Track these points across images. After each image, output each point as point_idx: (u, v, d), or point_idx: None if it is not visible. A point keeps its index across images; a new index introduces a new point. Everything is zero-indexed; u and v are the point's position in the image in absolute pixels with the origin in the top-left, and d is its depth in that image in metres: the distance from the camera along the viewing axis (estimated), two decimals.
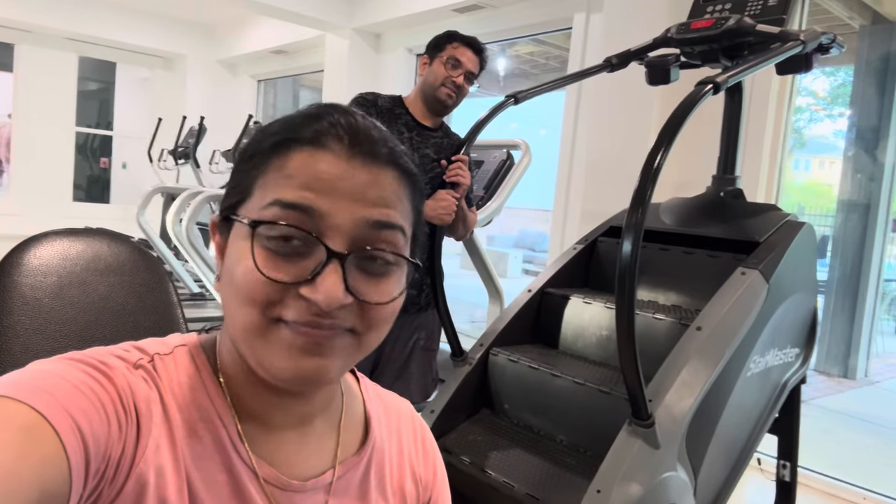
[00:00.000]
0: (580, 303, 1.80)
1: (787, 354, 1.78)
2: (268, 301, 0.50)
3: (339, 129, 0.53)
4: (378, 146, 0.54)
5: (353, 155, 0.52)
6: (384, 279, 0.54)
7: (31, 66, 6.46)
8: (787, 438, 1.98)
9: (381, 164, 0.54)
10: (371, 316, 0.53)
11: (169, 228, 4.49)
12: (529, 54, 7.06)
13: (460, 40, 2.00)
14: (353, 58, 5.15)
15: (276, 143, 0.53)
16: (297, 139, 0.53)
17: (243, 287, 0.50)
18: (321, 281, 0.49)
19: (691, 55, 1.85)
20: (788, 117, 2.88)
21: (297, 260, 0.50)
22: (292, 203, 0.50)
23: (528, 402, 1.69)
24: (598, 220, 2.10)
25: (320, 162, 0.52)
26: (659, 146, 1.32)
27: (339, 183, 0.51)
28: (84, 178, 8.22)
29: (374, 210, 0.52)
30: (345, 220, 0.51)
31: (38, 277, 0.78)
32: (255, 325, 0.51)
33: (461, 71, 1.98)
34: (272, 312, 0.50)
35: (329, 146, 0.52)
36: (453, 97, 2.00)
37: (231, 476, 0.54)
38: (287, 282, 0.50)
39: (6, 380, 0.44)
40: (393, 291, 0.54)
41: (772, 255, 1.61)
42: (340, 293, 0.50)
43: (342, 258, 0.50)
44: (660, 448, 1.33)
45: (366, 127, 0.54)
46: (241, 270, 0.51)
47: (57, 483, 0.41)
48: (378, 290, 0.53)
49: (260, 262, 0.50)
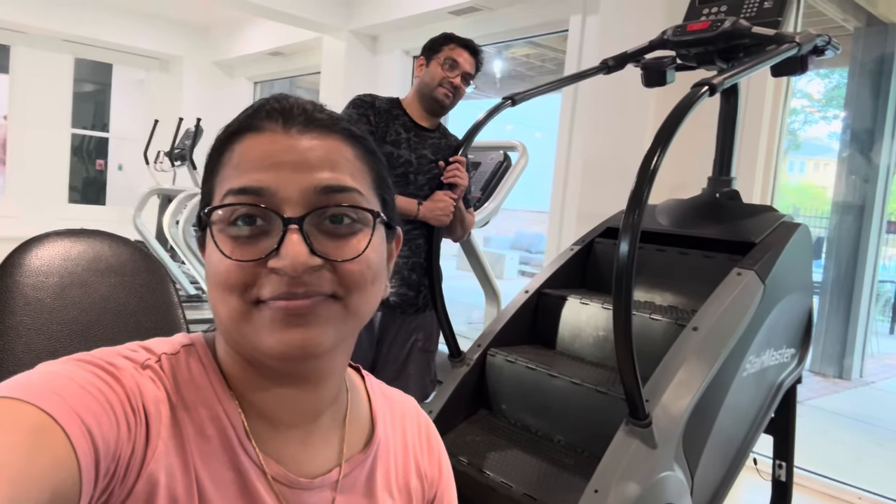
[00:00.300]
0: (577, 303, 1.81)
1: (783, 355, 1.79)
2: (243, 284, 0.51)
3: (273, 112, 0.55)
4: (314, 113, 0.56)
5: (289, 129, 0.54)
6: (351, 237, 0.54)
7: (28, 68, 6.45)
8: (782, 438, 1.99)
9: (322, 131, 0.55)
10: (346, 277, 0.53)
11: (165, 230, 4.49)
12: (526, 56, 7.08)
13: (457, 42, 2.02)
14: (349, 60, 5.16)
15: (221, 142, 0.56)
16: (238, 131, 0.55)
17: (218, 278, 0.52)
18: (284, 248, 0.51)
19: (687, 57, 1.86)
20: (784, 119, 2.89)
21: (260, 239, 0.52)
22: (241, 188, 0.52)
23: (526, 402, 1.70)
24: (594, 222, 2.11)
25: (260, 143, 0.53)
26: (655, 148, 1.32)
27: (280, 157, 0.53)
28: (80, 179, 8.20)
29: (320, 175, 0.53)
30: (293, 191, 0.52)
31: (40, 278, 0.78)
32: (238, 310, 0.52)
33: (458, 72, 2.00)
34: (250, 295, 0.52)
35: (266, 128, 0.54)
36: (450, 97, 2.02)
37: (239, 474, 0.54)
38: (254, 258, 0.51)
39: (14, 382, 0.45)
40: (360, 248, 0.54)
41: (767, 255, 1.62)
42: (304, 255, 0.50)
43: (299, 222, 0.51)
44: (657, 448, 1.34)
45: (299, 103, 0.56)
46: (213, 263, 0.53)
47: (67, 484, 0.41)
48: (346, 248, 0.54)
49: (226, 249, 0.51)
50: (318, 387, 0.59)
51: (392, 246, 0.63)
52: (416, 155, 2.01)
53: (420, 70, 2.05)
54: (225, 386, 0.56)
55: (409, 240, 2.01)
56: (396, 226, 0.62)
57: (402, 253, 2.00)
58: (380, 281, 0.58)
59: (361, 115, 1.95)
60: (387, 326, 2.03)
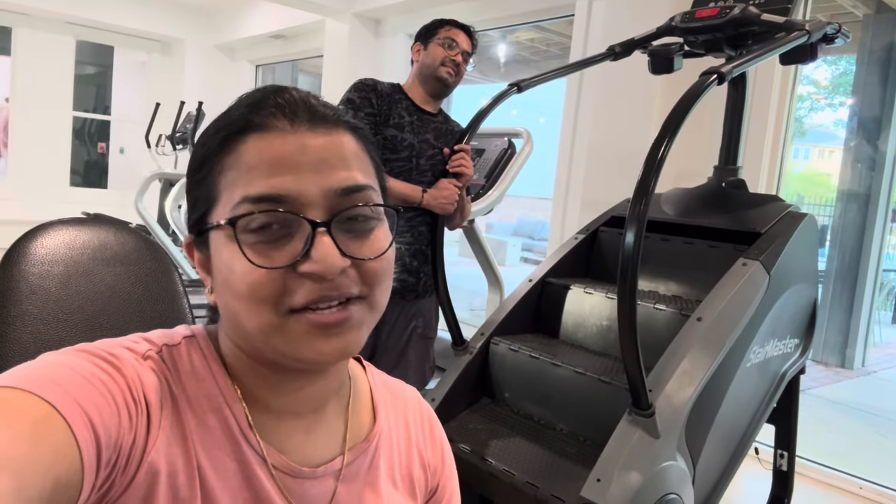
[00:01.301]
0: (581, 293, 1.81)
1: (787, 345, 1.78)
2: (274, 294, 0.50)
3: (278, 107, 0.53)
4: (319, 110, 0.55)
5: (296, 126, 0.53)
6: (371, 235, 0.55)
7: (29, 50, 6.40)
8: (784, 428, 2.00)
9: (329, 127, 0.54)
10: (370, 274, 0.54)
11: (167, 214, 4.48)
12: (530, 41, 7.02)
13: (451, 23, 2.07)
14: (352, 43, 5.12)
15: (224, 140, 0.54)
16: (243, 129, 0.53)
17: (246, 288, 0.51)
18: (315, 251, 0.50)
19: (695, 44, 1.84)
20: (791, 107, 2.87)
21: (284, 245, 0.51)
22: (261, 196, 0.51)
23: (529, 391, 1.70)
24: (598, 209, 2.10)
25: (272, 143, 0.52)
26: (663, 137, 1.31)
27: (297, 158, 0.52)
28: (81, 163, 8.18)
29: (338, 176, 0.53)
30: (315, 194, 0.52)
31: (45, 267, 0.78)
32: (271, 323, 0.51)
33: (458, 50, 2.03)
34: (283, 306, 0.51)
35: (274, 126, 0.53)
36: (453, 75, 2.04)
37: (241, 463, 0.54)
38: (284, 265, 0.50)
39: (16, 372, 0.45)
40: (383, 245, 0.55)
41: (773, 246, 1.61)
42: (338, 258, 0.51)
43: (327, 225, 0.51)
44: (660, 437, 1.34)
45: (301, 97, 0.55)
46: (238, 273, 0.51)
47: (69, 474, 0.41)
48: (370, 247, 0.54)
49: (252, 257, 0.50)
50: (325, 379, 0.60)
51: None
52: (419, 139, 2.00)
53: (417, 55, 2.08)
54: (226, 377, 0.56)
55: (412, 227, 2.00)
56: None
57: (405, 239, 2.00)
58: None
59: (363, 99, 1.94)
60: (386, 313, 2.03)
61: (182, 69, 7.06)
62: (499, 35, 6.23)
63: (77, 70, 6.84)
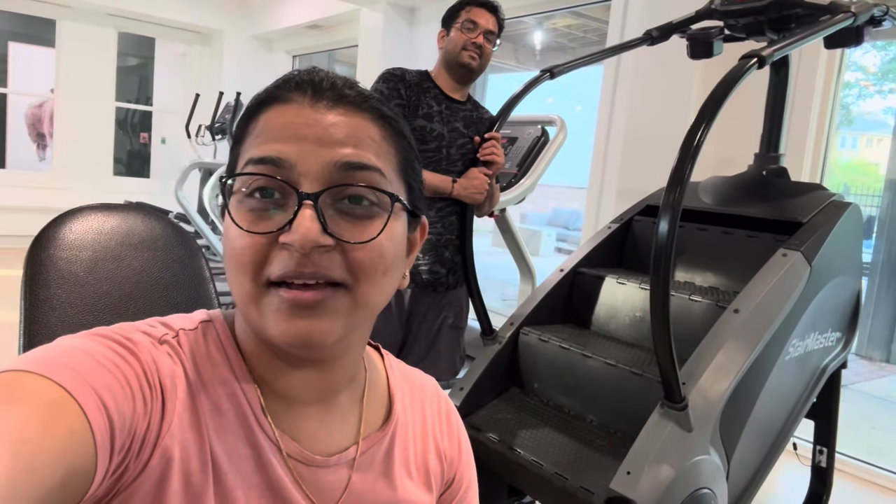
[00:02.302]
0: (614, 283, 1.78)
1: (828, 339, 1.73)
2: (255, 262, 0.50)
3: (302, 84, 0.53)
4: (343, 89, 0.54)
5: (316, 101, 0.53)
6: (366, 220, 0.52)
7: (73, 42, 6.56)
8: (824, 423, 1.94)
9: (350, 107, 0.54)
10: (356, 264, 0.51)
11: (206, 203, 4.55)
12: (567, 27, 6.92)
13: (472, 2, 1.99)
14: (387, 32, 5.11)
15: (248, 114, 0.55)
16: (264, 101, 0.54)
17: (233, 254, 0.51)
18: (295, 222, 0.49)
19: (735, 28, 1.79)
20: (837, 93, 2.77)
21: (275, 214, 0.51)
22: (260, 157, 0.51)
23: (559, 381, 1.68)
24: (634, 199, 2.06)
25: (285, 114, 0.52)
26: (700, 123, 1.28)
27: (303, 130, 0.51)
28: (124, 152, 8.37)
29: (342, 150, 0.51)
30: (313, 165, 0.51)
31: (74, 251, 0.79)
32: (249, 292, 0.51)
33: (479, 31, 1.97)
34: (261, 276, 0.51)
35: (293, 99, 0.53)
36: (476, 58, 1.98)
37: (255, 450, 0.54)
38: (266, 232, 0.50)
39: (31, 356, 0.45)
40: (372, 234, 0.52)
41: (815, 236, 1.56)
42: (314, 232, 0.49)
43: (314, 198, 0.50)
44: (692, 431, 1.31)
45: (329, 77, 0.55)
46: (228, 237, 0.52)
47: (83, 458, 0.41)
48: (360, 231, 0.52)
49: (241, 221, 0.51)
50: (333, 367, 0.59)
51: (416, 235, 0.61)
52: (449, 128, 1.98)
53: (442, 42, 2.03)
54: (242, 363, 0.56)
55: (443, 216, 1.99)
56: (421, 214, 0.60)
57: (436, 230, 1.99)
58: (394, 272, 0.55)
59: (392, 90, 1.92)
60: (417, 304, 2.03)
61: (221, 60, 7.17)
62: (535, 22, 6.16)
63: (119, 61, 6.99)
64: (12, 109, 7.79)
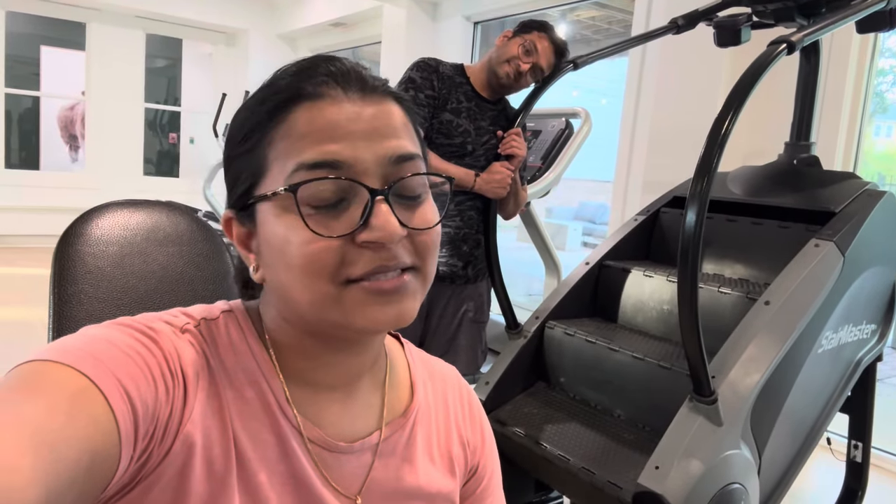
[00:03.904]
0: (641, 276, 1.76)
1: (863, 331, 1.69)
2: (333, 264, 0.50)
3: (329, 76, 0.53)
4: (369, 81, 0.54)
5: (348, 94, 0.53)
6: (422, 206, 0.55)
7: (102, 45, 6.68)
8: (859, 418, 1.90)
9: (379, 97, 0.54)
10: (422, 246, 0.54)
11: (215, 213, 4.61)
12: (591, 19, 6.85)
13: (548, 33, 1.94)
14: (410, 28, 5.11)
15: (272, 111, 0.53)
16: (293, 97, 0.52)
17: (303, 260, 0.50)
18: (375, 220, 0.50)
19: (764, 14, 1.75)
20: (870, 80, 2.70)
21: (340, 214, 0.51)
22: (316, 162, 0.50)
23: (585, 376, 1.66)
24: (660, 191, 2.03)
25: (325, 111, 0.51)
26: (727, 111, 1.25)
27: (350, 126, 0.51)
28: (154, 153, 8.51)
29: (390, 144, 0.53)
30: (370, 161, 0.51)
31: (100, 247, 0.80)
32: (328, 293, 0.51)
33: (532, 59, 1.92)
34: (340, 276, 0.51)
35: (326, 94, 0.52)
36: (511, 78, 1.94)
37: (278, 437, 0.54)
38: (343, 234, 0.50)
39: (55, 346, 0.46)
40: (433, 217, 0.55)
41: (848, 226, 1.52)
42: (398, 226, 0.50)
43: (385, 193, 0.51)
44: (722, 425, 1.29)
45: (353, 66, 0.55)
46: (294, 244, 0.50)
47: (107, 446, 0.42)
48: (421, 218, 0.54)
49: (313, 226, 0.50)
50: (365, 350, 0.60)
51: None
52: (475, 126, 1.97)
53: (500, 41, 1.99)
54: (264, 351, 0.56)
55: (461, 211, 1.98)
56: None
57: (454, 223, 1.98)
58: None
59: (425, 80, 1.91)
60: (436, 297, 2.02)
61: (246, 60, 7.24)
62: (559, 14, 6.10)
63: (148, 63, 7.10)
64: (45, 112, 7.96)
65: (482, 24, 4.97)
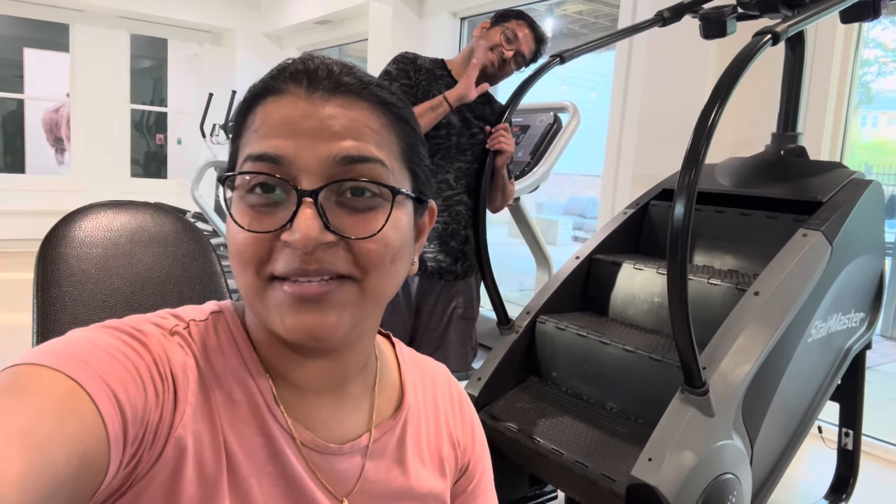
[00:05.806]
0: (631, 269, 1.76)
1: (852, 319, 1.70)
2: (258, 258, 0.50)
3: (297, 74, 0.52)
4: (340, 77, 0.52)
5: (312, 93, 0.51)
6: (369, 213, 0.51)
7: (86, 46, 6.61)
8: (849, 406, 1.91)
9: (348, 97, 0.52)
10: (363, 256, 0.51)
11: (222, 202, 4.58)
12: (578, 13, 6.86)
13: (527, 21, 1.96)
14: (396, 24, 5.09)
15: (245, 107, 0.54)
16: (262, 93, 0.52)
17: (235, 249, 0.51)
18: (296, 221, 0.48)
19: (749, 5, 1.75)
20: (854, 70, 2.71)
21: (277, 210, 0.50)
22: (259, 154, 0.50)
23: (577, 369, 1.67)
24: (650, 184, 2.04)
25: (282, 107, 0.51)
26: (713, 103, 1.25)
27: (300, 123, 0.50)
28: (141, 154, 8.45)
29: (340, 144, 0.50)
30: (311, 160, 0.49)
31: (84, 249, 0.79)
32: (253, 286, 0.51)
33: (514, 47, 1.93)
34: (264, 271, 0.50)
35: (289, 91, 0.51)
36: (495, 66, 1.94)
37: (268, 439, 0.54)
38: (267, 231, 0.49)
39: (42, 349, 0.45)
40: (376, 226, 0.51)
41: (836, 215, 1.53)
42: (315, 230, 0.48)
43: (314, 195, 0.49)
44: (714, 416, 1.30)
45: (325, 64, 0.53)
46: (231, 233, 0.51)
47: (96, 451, 0.41)
48: (363, 225, 0.51)
49: (242, 219, 0.50)
50: (344, 357, 0.58)
51: (423, 220, 0.60)
52: (459, 117, 1.96)
53: (479, 32, 1.99)
54: (253, 353, 0.56)
55: (450, 206, 1.98)
56: (428, 199, 0.59)
57: (442, 219, 1.98)
58: (402, 259, 0.55)
59: (401, 70, 1.91)
60: (426, 293, 2.02)
61: (233, 59, 7.19)
62: (545, 8, 6.10)
63: (133, 64, 7.04)
64: (30, 115, 7.90)
65: (468, 19, 4.96)
